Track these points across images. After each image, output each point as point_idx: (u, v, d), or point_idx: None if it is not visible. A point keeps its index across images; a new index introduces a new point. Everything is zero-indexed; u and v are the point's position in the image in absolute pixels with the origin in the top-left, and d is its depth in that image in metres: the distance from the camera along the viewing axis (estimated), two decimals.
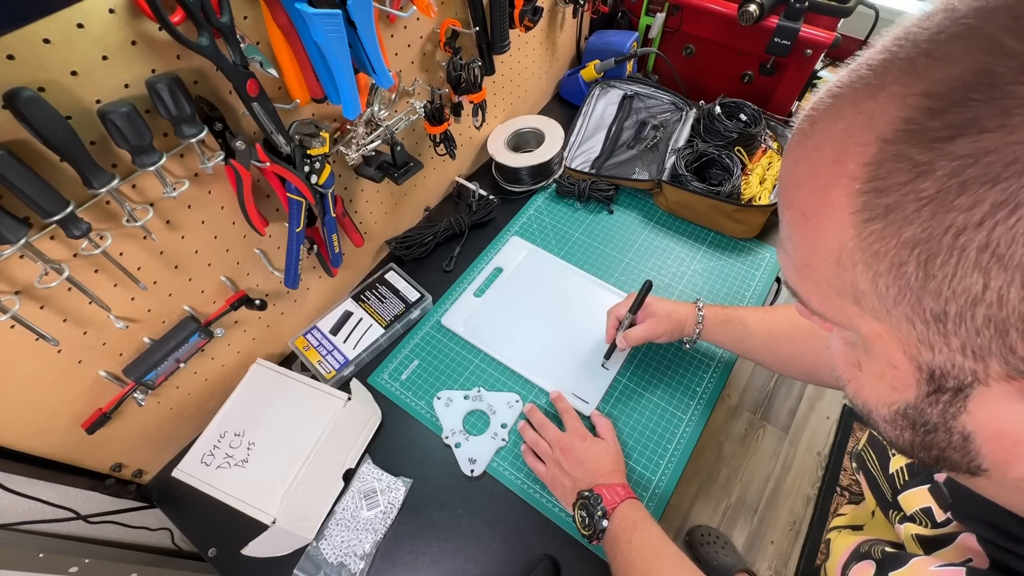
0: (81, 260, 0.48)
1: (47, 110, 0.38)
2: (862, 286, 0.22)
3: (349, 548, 0.64)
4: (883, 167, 0.19)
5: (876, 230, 0.20)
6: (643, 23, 1.12)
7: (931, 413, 0.23)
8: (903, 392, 0.24)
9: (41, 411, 0.54)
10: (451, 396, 0.75)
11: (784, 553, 1.30)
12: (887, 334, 0.22)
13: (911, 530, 0.38)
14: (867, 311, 0.22)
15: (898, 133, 0.19)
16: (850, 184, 0.21)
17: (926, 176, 0.18)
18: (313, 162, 0.59)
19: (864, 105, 0.21)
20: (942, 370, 0.21)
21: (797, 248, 0.25)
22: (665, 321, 0.69)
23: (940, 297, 0.19)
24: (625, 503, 0.58)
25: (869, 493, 0.46)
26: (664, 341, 0.72)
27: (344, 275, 0.85)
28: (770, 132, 0.98)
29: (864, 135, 0.20)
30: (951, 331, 0.20)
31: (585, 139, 1.04)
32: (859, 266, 0.21)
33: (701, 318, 0.69)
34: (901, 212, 0.19)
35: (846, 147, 0.21)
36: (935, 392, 0.22)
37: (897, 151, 0.19)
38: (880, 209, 0.20)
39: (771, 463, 1.43)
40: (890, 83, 0.20)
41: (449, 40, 0.75)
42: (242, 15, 0.50)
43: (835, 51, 0.95)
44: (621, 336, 0.71)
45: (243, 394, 0.68)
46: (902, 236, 0.19)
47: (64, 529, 0.67)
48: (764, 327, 0.66)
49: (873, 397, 0.26)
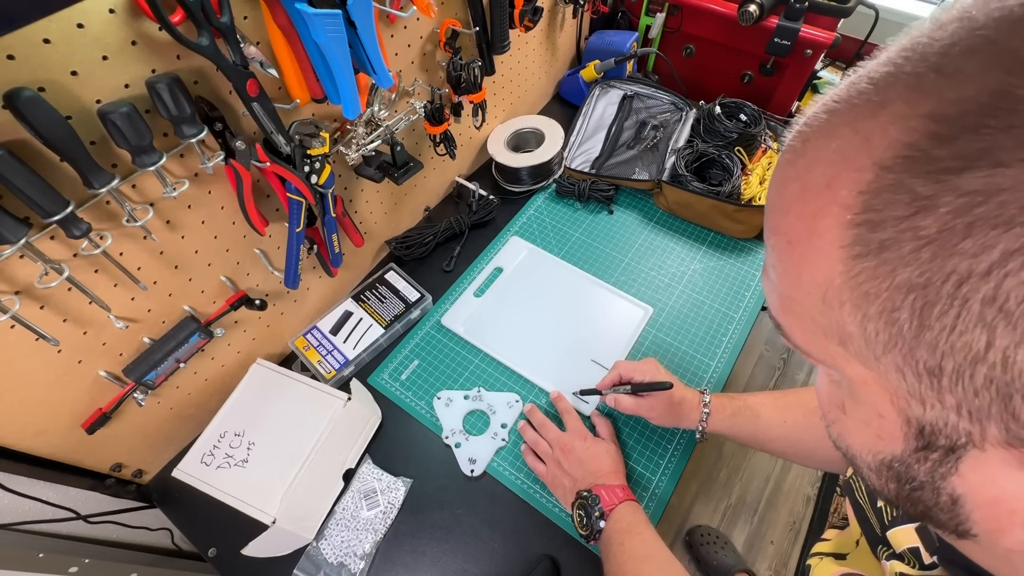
0: (81, 260, 0.48)
1: (47, 110, 0.38)
2: (849, 328, 0.19)
3: (349, 548, 0.64)
4: (879, 197, 0.17)
5: (868, 268, 0.18)
6: (643, 23, 1.12)
7: (918, 470, 0.21)
8: (889, 443, 0.22)
9: (41, 411, 0.54)
10: (451, 396, 0.75)
11: (784, 553, 1.30)
12: (874, 382, 0.20)
13: (897, 568, 0.36)
14: (853, 355, 0.20)
15: (898, 160, 0.17)
16: (841, 213, 0.18)
17: (928, 212, 0.16)
18: (313, 162, 0.59)
19: (862, 124, 0.18)
20: (933, 427, 0.19)
21: (781, 278, 0.22)
22: (661, 406, 0.64)
23: (936, 351, 0.17)
24: (623, 505, 0.58)
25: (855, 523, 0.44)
26: (656, 423, 0.67)
27: (344, 275, 0.85)
28: (770, 132, 0.98)
29: (860, 159, 0.18)
30: (946, 388, 0.18)
31: (585, 139, 1.04)
32: (847, 306, 0.19)
33: (706, 416, 0.63)
34: (897, 251, 0.17)
35: (839, 171, 0.19)
36: (924, 449, 0.20)
37: (896, 180, 0.17)
38: (873, 245, 0.18)
39: (771, 463, 1.43)
40: (892, 100, 0.18)
41: (449, 40, 0.75)
42: (242, 15, 0.50)
43: (835, 51, 0.95)
44: (613, 396, 0.67)
45: (243, 394, 0.68)
46: (896, 278, 0.17)
47: (64, 529, 0.67)
48: (779, 416, 0.61)
49: (857, 443, 0.24)
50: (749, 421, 0.62)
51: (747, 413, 0.63)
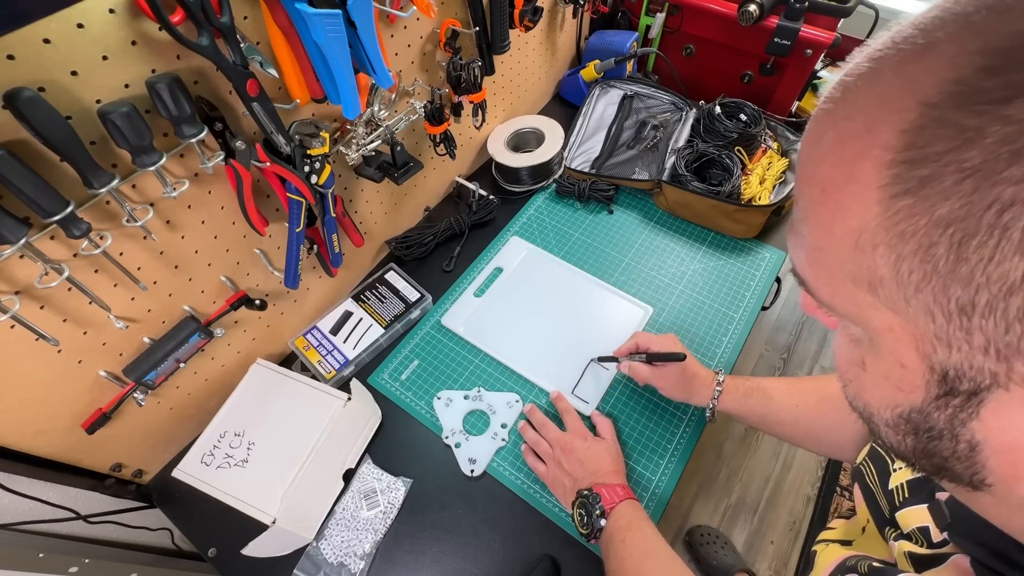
0: (81, 260, 0.48)
1: (47, 110, 0.38)
2: (881, 271, 0.20)
3: (349, 548, 0.64)
4: (922, 134, 0.17)
5: (906, 206, 0.18)
6: (643, 23, 1.12)
7: (938, 418, 0.22)
8: (909, 394, 0.22)
9: (41, 411, 0.54)
10: (451, 396, 0.75)
11: (784, 553, 1.30)
12: (900, 328, 0.21)
13: (904, 547, 0.36)
14: (882, 301, 0.21)
15: (944, 96, 0.17)
16: (881, 155, 0.19)
17: (972, 144, 0.16)
18: (313, 162, 0.59)
19: (907, 68, 0.19)
20: (957, 371, 0.20)
21: (811, 230, 0.23)
22: (674, 378, 0.65)
23: (971, 284, 0.17)
24: (623, 503, 0.58)
25: (864, 508, 0.45)
26: (666, 395, 0.68)
27: (344, 275, 0.85)
28: (770, 132, 0.98)
29: (903, 100, 0.18)
30: (976, 326, 0.18)
31: (585, 139, 1.04)
32: (880, 248, 0.19)
33: (719, 392, 0.65)
34: (938, 185, 0.17)
35: (881, 114, 0.19)
36: (946, 395, 0.21)
37: (940, 116, 0.17)
38: (913, 182, 0.18)
39: (771, 463, 1.43)
40: (940, 42, 0.18)
41: (449, 40, 0.75)
42: (242, 15, 0.50)
43: (835, 51, 0.95)
44: (627, 363, 0.69)
45: (243, 394, 0.68)
46: (935, 213, 0.17)
47: (64, 529, 0.67)
48: (791, 400, 0.61)
49: (876, 399, 0.25)
50: (761, 403, 0.63)
51: (759, 395, 0.63)
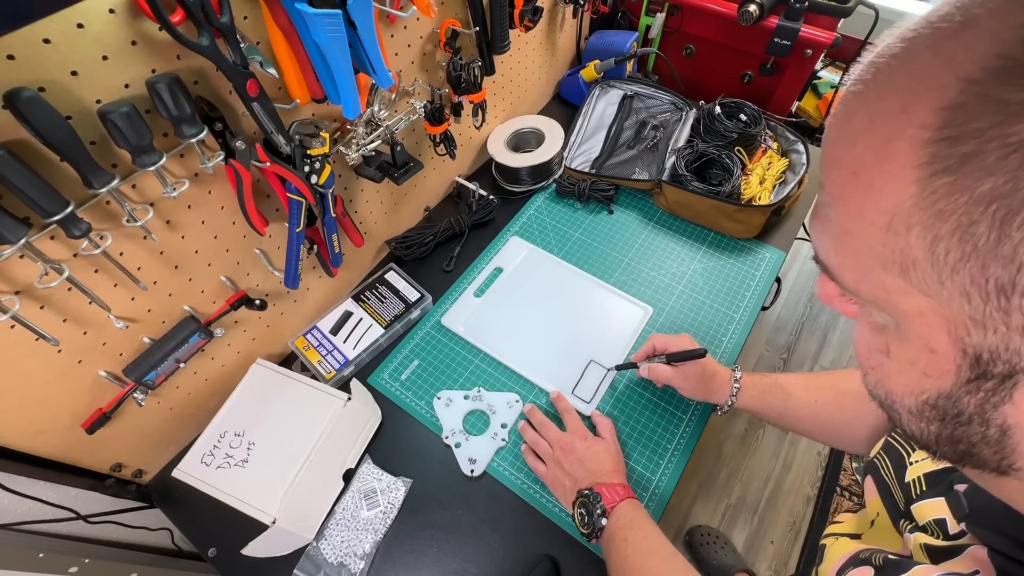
0: (81, 260, 0.48)
1: (47, 110, 0.38)
2: (915, 253, 0.19)
3: (349, 548, 0.64)
4: (962, 111, 0.17)
5: (945, 184, 0.18)
6: (643, 23, 1.12)
7: (968, 403, 0.21)
8: (937, 380, 0.22)
9: (41, 411, 0.54)
10: (451, 396, 0.75)
11: (784, 553, 1.30)
12: (932, 312, 0.20)
13: (920, 539, 0.36)
14: (914, 284, 0.20)
15: (986, 71, 0.17)
16: (918, 134, 0.18)
17: (1018, 118, 0.16)
18: (313, 162, 0.59)
19: (945, 46, 0.18)
20: (992, 353, 0.19)
21: (839, 214, 0.22)
22: (695, 377, 0.65)
23: (1013, 263, 0.17)
24: (624, 502, 0.58)
25: (876, 500, 0.45)
26: (685, 395, 0.68)
27: (344, 275, 0.85)
28: (770, 132, 0.98)
29: (942, 77, 0.18)
30: (1015, 306, 0.18)
31: (585, 139, 1.04)
32: (915, 229, 0.19)
33: (737, 388, 0.65)
34: (981, 161, 0.17)
35: (917, 93, 0.19)
36: (978, 379, 0.20)
37: (982, 91, 0.17)
38: (953, 160, 0.17)
39: (771, 463, 1.43)
40: (980, 18, 0.18)
41: (449, 40, 0.75)
42: (242, 15, 0.50)
43: (835, 51, 0.95)
44: (647, 367, 0.69)
45: (243, 394, 0.68)
46: (977, 190, 0.17)
47: (64, 529, 0.67)
48: (810, 396, 0.61)
49: (899, 386, 0.24)
50: (779, 399, 0.63)
51: (778, 391, 0.64)
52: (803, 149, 0.92)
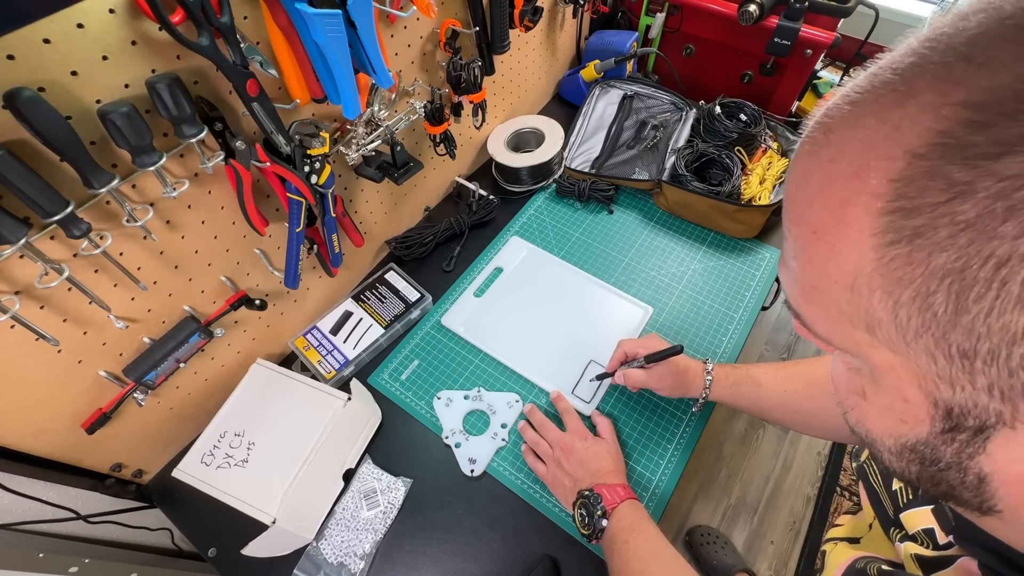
0: (81, 260, 0.48)
1: (47, 110, 0.38)
2: (878, 315, 0.20)
3: (349, 548, 0.64)
4: (912, 185, 0.17)
5: (901, 255, 0.18)
6: (643, 23, 1.12)
7: (944, 451, 0.21)
8: (914, 426, 0.22)
9: (41, 411, 0.54)
10: (451, 396, 0.75)
11: (784, 553, 1.30)
12: (901, 367, 0.20)
13: (911, 549, 0.36)
14: (881, 341, 0.20)
15: (932, 147, 0.17)
16: (871, 202, 0.19)
17: (965, 198, 0.16)
18: (313, 162, 0.59)
19: (889, 114, 0.19)
20: (962, 408, 0.19)
21: (804, 268, 0.23)
22: (670, 376, 0.65)
23: (972, 334, 0.17)
24: (625, 503, 0.58)
25: (869, 506, 0.45)
26: (664, 394, 0.68)
27: (344, 275, 0.85)
28: (770, 132, 0.98)
29: (890, 148, 0.18)
30: (979, 369, 0.18)
31: (585, 139, 1.04)
32: (877, 293, 0.19)
33: (709, 381, 0.65)
34: (932, 237, 0.17)
35: (868, 160, 0.19)
36: (951, 430, 0.20)
37: (930, 167, 0.17)
38: (907, 232, 0.18)
39: (771, 463, 1.43)
40: (921, 90, 0.18)
41: (449, 40, 0.75)
42: (242, 15, 0.50)
43: (835, 51, 0.95)
44: (622, 373, 0.68)
45: (243, 394, 0.68)
46: (932, 264, 0.17)
47: (64, 529, 0.67)
48: (779, 385, 0.62)
49: (878, 428, 0.24)
50: (751, 389, 0.64)
51: (749, 382, 0.64)
52: None
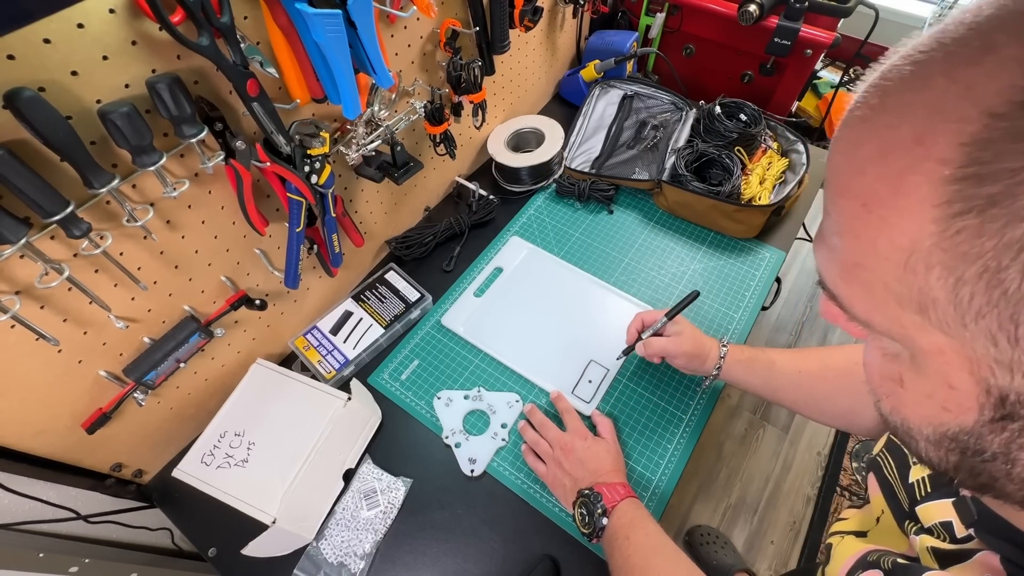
0: (81, 260, 0.48)
1: (47, 110, 0.38)
2: (935, 293, 0.18)
3: (349, 548, 0.64)
4: (989, 148, 0.16)
5: (969, 226, 0.17)
6: (643, 23, 1.12)
7: (992, 441, 0.20)
8: (958, 416, 0.21)
9: (41, 411, 0.54)
10: (451, 396, 0.75)
11: (784, 553, 1.30)
12: (952, 351, 0.19)
13: (927, 542, 0.35)
14: (933, 323, 0.19)
15: (1014, 105, 0.16)
16: (936, 169, 0.17)
17: None
18: (313, 162, 0.59)
19: (961, 72, 0.17)
20: (1019, 395, 0.18)
21: (849, 245, 0.21)
22: (690, 343, 0.65)
23: None
24: (625, 501, 0.58)
25: (880, 498, 0.44)
26: (679, 365, 0.68)
27: (344, 275, 0.85)
28: (770, 132, 0.98)
29: (962, 109, 0.17)
30: None
31: (585, 139, 1.04)
32: (936, 269, 0.18)
33: (724, 353, 0.65)
34: (1009, 205, 0.16)
35: (934, 123, 0.17)
36: (1002, 419, 0.19)
37: (1010, 128, 0.16)
38: (979, 201, 0.16)
39: (771, 463, 1.43)
40: (1001, 44, 0.16)
41: (449, 40, 0.75)
42: (242, 15, 0.50)
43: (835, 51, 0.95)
44: (642, 342, 0.69)
45: (243, 394, 0.68)
46: (1006, 236, 0.16)
47: (64, 529, 0.67)
48: (794, 365, 0.61)
49: (916, 416, 0.23)
50: (764, 367, 0.64)
51: (763, 359, 0.65)
52: (803, 149, 0.92)
